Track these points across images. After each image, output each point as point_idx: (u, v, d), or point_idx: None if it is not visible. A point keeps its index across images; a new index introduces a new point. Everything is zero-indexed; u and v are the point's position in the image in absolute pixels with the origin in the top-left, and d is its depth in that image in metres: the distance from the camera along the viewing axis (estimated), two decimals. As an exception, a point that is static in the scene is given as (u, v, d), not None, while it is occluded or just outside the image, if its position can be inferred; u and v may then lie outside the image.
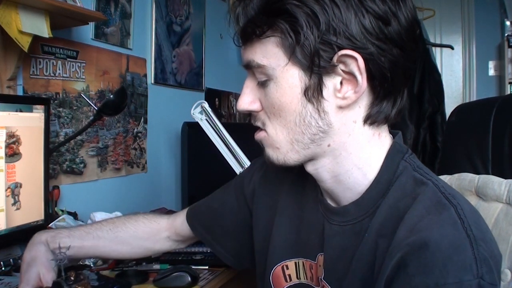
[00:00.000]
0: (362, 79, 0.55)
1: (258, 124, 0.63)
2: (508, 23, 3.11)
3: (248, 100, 0.62)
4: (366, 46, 0.54)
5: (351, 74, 0.55)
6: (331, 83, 0.57)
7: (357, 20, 0.53)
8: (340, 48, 0.54)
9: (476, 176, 0.80)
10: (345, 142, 0.59)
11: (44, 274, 0.80)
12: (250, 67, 0.60)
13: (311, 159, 0.62)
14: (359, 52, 0.54)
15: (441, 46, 3.40)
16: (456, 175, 0.84)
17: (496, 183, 0.76)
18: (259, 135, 0.63)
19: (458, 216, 0.51)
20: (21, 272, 0.82)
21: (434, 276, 0.48)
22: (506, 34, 3.09)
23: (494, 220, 0.73)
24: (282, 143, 0.61)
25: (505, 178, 0.76)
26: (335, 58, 0.55)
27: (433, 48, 3.19)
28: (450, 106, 1.29)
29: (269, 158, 0.63)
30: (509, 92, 3.04)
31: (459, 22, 3.42)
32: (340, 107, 0.58)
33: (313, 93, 0.56)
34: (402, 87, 0.59)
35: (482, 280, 0.47)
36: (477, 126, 0.87)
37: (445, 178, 0.85)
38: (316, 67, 0.55)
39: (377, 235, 0.57)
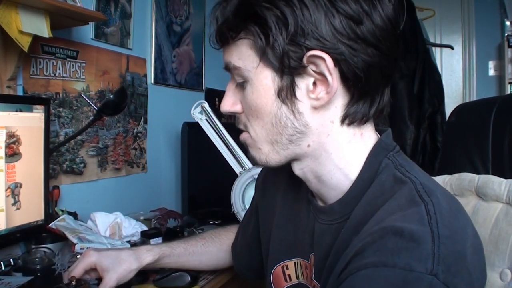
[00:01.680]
0: (333, 79, 0.55)
1: (240, 126, 0.65)
2: (508, 23, 3.11)
3: (230, 102, 0.64)
4: (336, 46, 0.54)
5: (322, 74, 0.56)
6: (303, 84, 0.57)
7: (327, 21, 0.54)
8: (309, 49, 0.54)
9: (476, 176, 0.80)
10: (325, 143, 0.60)
11: (110, 279, 0.86)
12: (229, 69, 0.62)
13: (295, 159, 0.62)
14: (328, 53, 0.54)
15: (441, 46, 3.40)
16: (456, 175, 0.84)
17: (496, 183, 0.76)
18: (243, 137, 0.65)
19: (426, 212, 0.50)
20: (99, 252, 0.88)
21: (385, 258, 0.47)
22: (506, 34, 3.08)
23: (494, 220, 0.73)
24: (262, 144, 0.62)
25: (505, 178, 0.76)
26: (304, 59, 0.55)
27: (433, 48, 3.19)
28: (450, 106, 1.30)
29: (253, 159, 0.65)
30: (509, 92, 3.04)
31: (459, 22, 3.41)
32: (315, 108, 0.58)
33: (286, 94, 0.57)
34: (380, 86, 0.59)
35: (435, 279, 0.45)
36: (477, 126, 0.87)
37: (445, 178, 0.85)
38: (287, 68, 0.56)
39: (353, 232, 0.57)
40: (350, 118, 0.59)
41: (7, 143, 1.08)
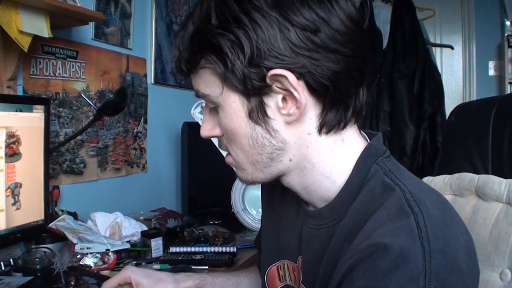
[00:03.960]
0: (299, 94, 0.54)
1: (223, 148, 0.64)
2: (508, 23, 3.11)
3: (208, 126, 0.63)
4: (296, 61, 0.53)
5: (289, 90, 0.55)
6: (272, 102, 0.56)
7: (283, 36, 0.52)
8: (269, 69, 0.53)
9: (476, 176, 0.80)
10: (306, 155, 0.59)
11: None
12: (199, 96, 0.61)
13: (280, 175, 0.62)
14: (289, 69, 0.53)
15: (441, 46, 3.40)
16: (456, 175, 0.84)
17: (496, 183, 0.75)
18: (228, 159, 0.64)
19: (416, 225, 0.48)
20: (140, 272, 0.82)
21: (376, 281, 0.46)
22: (506, 34, 3.08)
23: (494, 220, 0.73)
24: (245, 165, 0.61)
25: (505, 178, 0.76)
26: (267, 79, 0.54)
27: (433, 48, 3.19)
28: (450, 106, 1.29)
29: (240, 179, 0.64)
30: (509, 92, 3.04)
31: (459, 22, 3.41)
32: (289, 123, 0.57)
33: (258, 114, 0.56)
34: (352, 90, 0.57)
35: None
36: (477, 125, 0.87)
37: (445, 178, 0.85)
38: (251, 90, 0.55)
39: (344, 240, 0.56)
40: (327, 127, 0.58)
41: (7, 143, 1.08)
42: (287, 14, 0.52)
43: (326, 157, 0.60)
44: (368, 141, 0.63)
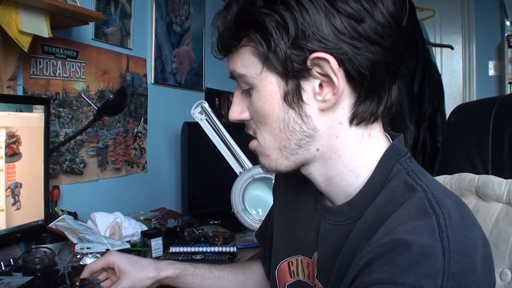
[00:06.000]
0: (338, 80, 0.55)
1: (250, 132, 0.64)
2: (508, 23, 3.11)
3: (238, 109, 0.63)
4: (339, 47, 0.54)
5: (327, 76, 0.55)
6: (309, 86, 0.57)
7: (328, 22, 0.53)
8: (312, 51, 0.54)
9: (476, 176, 0.80)
10: (333, 145, 0.60)
11: (124, 280, 0.84)
12: (234, 77, 0.62)
13: (303, 164, 0.62)
14: (331, 54, 0.54)
15: (441, 46, 3.40)
16: (456, 175, 0.84)
17: (496, 183, 0.76)
18: (252, 145, 0.65)
19: (438, 225, 0.49)
20: (118, 256, 0.86)
21: (394, 274, 0.47)
22: (506, 34, 3.09)
23: (494, 220, 0.73)
24: (271, 151, 0.61)
25: (505, 178, 0.76)
26: (308, 62, 0.55)
27: (433, 48, 3.19)
28: (450, 106, 1.30)
29: (263, 166, 0.65)
30: (509, 92, 3.04)
31: (459, 22, 3.42)
32: (323, 110, 0.58)
33: (293, 98, 0.57)
34: (387, 83, 0.59)
35: None
36: (477, 126, 0.87)
37: (445, 178, 0.85)
38: (291, 72, 0.55)
39: (362, 236, 0.56)
40: (359, 118, 0.58)
41: (7, 143, 1.08)
42: (334, 0, 0.54)
43: (352, 150, 0.60)
44: (391, 140, 0.63)
